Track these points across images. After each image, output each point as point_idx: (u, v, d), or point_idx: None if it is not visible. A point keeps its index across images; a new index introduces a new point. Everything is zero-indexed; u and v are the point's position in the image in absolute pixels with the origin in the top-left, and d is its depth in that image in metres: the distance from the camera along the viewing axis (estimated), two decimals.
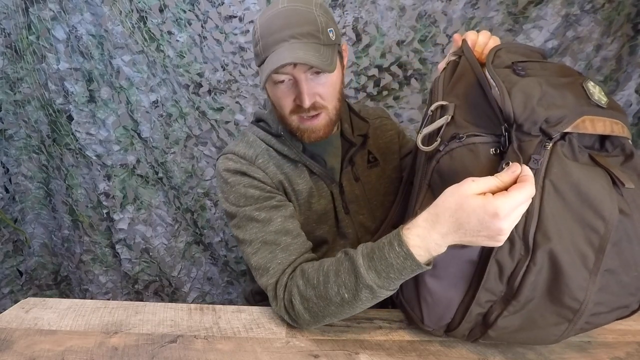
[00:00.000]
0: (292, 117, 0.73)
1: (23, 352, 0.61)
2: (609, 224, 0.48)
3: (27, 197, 1.44)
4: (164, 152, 1.38)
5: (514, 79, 0.51)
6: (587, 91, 0.52)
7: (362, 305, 0.59)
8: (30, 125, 1.35)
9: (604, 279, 0.50)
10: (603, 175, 0.49)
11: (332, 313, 0.61)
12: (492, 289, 0.53)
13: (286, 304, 0.65)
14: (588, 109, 0.50)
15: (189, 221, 1.46)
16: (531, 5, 1.24)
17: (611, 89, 1.28)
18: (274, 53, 0.67)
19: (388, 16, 1.27)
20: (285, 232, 0.70)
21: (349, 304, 0.59)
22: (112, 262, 1.50)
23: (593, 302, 0.51)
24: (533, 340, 0.58)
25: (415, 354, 0.62)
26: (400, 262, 0.53)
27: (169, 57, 1.29)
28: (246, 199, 0.73)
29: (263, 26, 0.70)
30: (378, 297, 0.58)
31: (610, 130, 0.51)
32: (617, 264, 0.50)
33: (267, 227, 0.71)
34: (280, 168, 0.77)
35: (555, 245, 0.48)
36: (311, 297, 0.61)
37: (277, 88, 0.72)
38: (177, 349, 0.62)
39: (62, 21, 1.24)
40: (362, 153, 0.85)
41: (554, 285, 0.50)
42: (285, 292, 0.65)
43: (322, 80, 0.70)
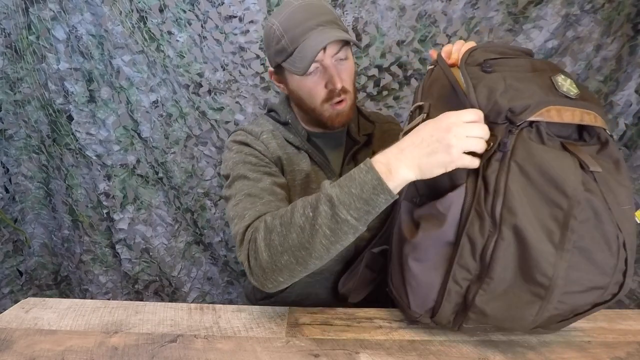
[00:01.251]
0: (324, 106, 0.78)
1: (23, 352, 0.61)
2: (571, 199, 0.51)
3: (27, 197, 1.44)
4: (164, 152, 1.38)
5: (480, 75, 0.57)
6: (555, 83, 0.56)
7: (321, 231, 0.56)
8: (30, 125, 1.35)
9: (574, 257, 0.52)
10: (569, 158, 0.53)
11: (292, 245, 0.58)
12: (466, 265, 0.56)
13: (250, 244, 0.63)
14: (555, 99, 0.55)
15: (189, 221, 1.46)
16: (531, 5, 1.24)
17: (611, 89, 1.28)
18: (306, 41, 0.72)
19: (388, 16, 1.27)
20: (271, 192, 0.71)
21: (309, 226, 0.57)
22: (112, 262, 1.50)
23: (564, 279, 0.53)
24: (511, 323, 0.59)
25: (416, 353, 0.62)
26: (362, 176, 0.55)
27: (169, 57, 1.29)
28: (243, 164, 0.77)
29: (285, 22, 0.74)
30: (337, 219, 0.55)
31: (579, 119, 0.55)
32: (588, 242, 0.52)
33: (255, 184, 0.72)
34: (283, 148, 0.82)
35: (520, 221, 0.52)
36: (276, 226, 0.60)
37: (306, 80, 0.76)
38: (177, 349, 0.62)
39: (62, 21, 1.24)
40: (366, 152, 0.87)
41: (523, 261, 0.53)
42: (252, 232, 0.63)
43: (345, 65, 0.77)
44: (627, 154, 1.31)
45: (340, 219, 0.55)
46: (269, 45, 0.79)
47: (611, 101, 1.28)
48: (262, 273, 0.62)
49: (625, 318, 0.73)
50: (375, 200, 0.55)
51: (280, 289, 0.64)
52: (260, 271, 0.62)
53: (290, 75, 0.78)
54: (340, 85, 0.75)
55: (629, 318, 0.73)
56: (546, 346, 0.64)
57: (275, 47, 0.76)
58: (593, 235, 0.52)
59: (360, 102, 1.36)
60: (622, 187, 0.54)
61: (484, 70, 0.58)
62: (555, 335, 0.66)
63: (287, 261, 0.59)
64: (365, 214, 0.56)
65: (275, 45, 0.76)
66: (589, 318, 0.71)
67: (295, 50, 0.73)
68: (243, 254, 0.64)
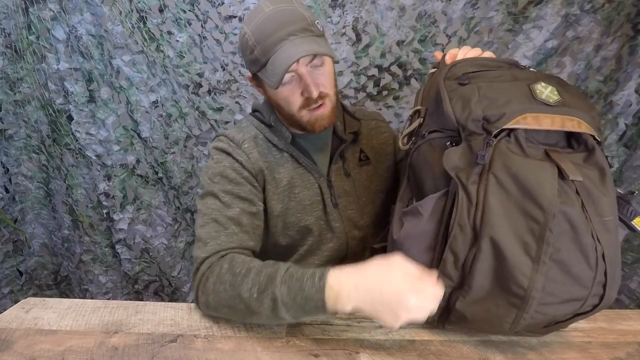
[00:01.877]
0: (301, 112, 0.76)
1: (23, 352, 0.61)
2: (547, 212, 0.51)
3: (27, 197, 1.44)
4: (164, 152, 1.38)
5: (456, 88, 0.59)
6: (533, 91, 0.56)
7: (260, 314, 0.61)
8: (30, 125, 1.35)
9: (551, 270, 0.52)
10: (549, 168, 0.53)
11: (233, 306, 0.63)
12: (449, 275, 0.58)
13: (202, 279, 0.67)
14: (532, 106, 0.55)
15: (189, 221, 1.46)
16: (531, 5, 1.24)
17: (611, 89, 1.28)
18: (278, 53, 0.70)
19: (388, 16, 1.27)
20: (237, 223, 0.73)
21: (252, 304, 0.61)
22: (112, 262, 1.50)
23: (540, 291, 0.53)
24: (490, 328, 0.62)
25: (416, 353, 0.62)
26: (311, 292, 0.57)
27: (168, 57, 1.29)
28: (221, 177, 0.77)
29: (256, 32, 0.72)
30: (276, 314, 0.60)
31: (560, 125, 0.55)
32: (565, 254, 0.52)
33: (224, 210, 0.74)
34: (264, 156, 0.81)
35: (496, 234, 0.52)
36: (226, 281, 0.64)
37: (282, 89, 0.74)
38: (177, 349, 0.62)
39: (62, 21, 1.24)
40: (354, 150, 0.87)
41: (500, 272, 0.54)
42: (207, 269, 0.68)
43: (321, 70, 0.75)
44: (627, 154, 1.31)
45: (279, 315, 0.60)
46: (243, 52, 0.77)
47: (611, 101, 1.28)
48: (205, 308, 0.68)
49: (625, 318, 0.73)
50: (314, 314, 0.59)
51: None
52: (203, 306, 0.68)
53: (267, 84, 0.76)
54: (316, 93, 0.73)
55: (629, 318, 0.73)
56: (546, 346, 0.64)
57: (249, 57, 0.75)
58: (570, 247, 0.52)
59: (360, 102, 1.36)
60: (605, 197, 0.53)
61: (460, 83, 0.59)
62: (556, 336, 0.66)
63: (226, 313, 0.66)
64: (303, 317, 0.61)
65: (249, 55, 0.74)
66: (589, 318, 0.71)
67: (268, 62, 0.71)
68: (195, 283, 0.68)
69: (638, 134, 1.29)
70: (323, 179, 0.82)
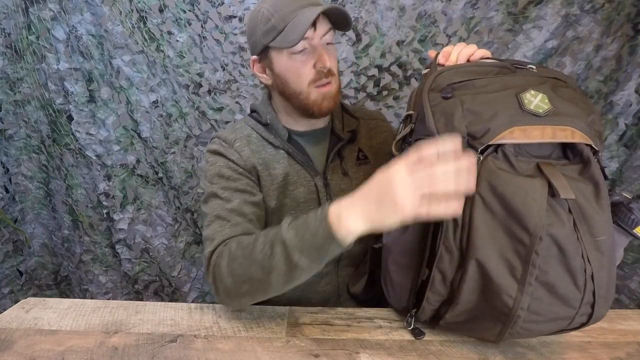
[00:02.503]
0: (310, 88, 0.77)
1: (23, 352, 0.61)
2: (533, 236, 0.49)
3: (27, 197, 1.44)
4: (164, 152, 1.38)
5: (439, 101, 0.57)
6: (521, 101, 0.53)
7: (276, 270, 0.59)
8: (30, 125, 1.35)
9: (537, 290, 0.52)
10: (539, 186, 0.50)
11: (251, 276, 0.61)
12: (438, 291, 0.59)
13: (215, 268, 0.66)
14: (520, 118, 0.52)
15: (189, 221, 1.46)
16: (531, 5, 1.24)
17: (611, 89, 1.28)
18: (299, 15, 0.72)
19: (388, 16, 1.27)
20: (239, 213, 0.73)
21: (267, 261, 0.59)
22: (112, 262, 1.50)
23: (526, 310, 0.52)
24: (478, 335, 0.64)
25: (416, 353, 0.62)
26: (316, 225, 0.56)
27: (168, 57, 1.29)
28: (218, 178, 0.78)
29: (275, 4, 0.74)
30: (291, 262, 0.57)
31: (551, 137, 0.52)
32: (552, 276, 0.51)
33: (225, 204, 0.74)
34: (257, 153, 0.81)
35: (482, 256, 0.52)
36: (238, 256, 0.63)
37: (294, 59, 0.76)
38: (177, 349, 0.62)
39: (62, 21, 1.24)
40: (352, 149, 0.87)
41: (486, 291, 0.54)
42: (217, 258, 0.66)
43: (331, 50, 0.78)
44: (627, 154, 1.31)
45: (294, 261, 0.57)
46: (254, 29, 0.77)
47: (611, 101, 1.28)
48: (227, 295, 0.66)
49: (625, 318, 0.73)
50: (327, 248, 0.56)
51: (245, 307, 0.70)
52: (224, 294, 0.66)
53: (278, 55, 0.77)
54: (329, 64, 0.75)
55: (629, 318, 0.73)
56: (546, 346, 0.64)
57: (263, 28, 0.75)
58: (557, 270, 0.51)
59: (360, 102, 1.36)
60: (598, 215, 0.51)
61: (444, 97, 0.56)
62: (556, 336, 0.66)
63: (247, 289, 0.64)
64: (319, 258, 0.58)
65: (264, 25, 0.75)
66: None
67: (287, 26, 0.73)
68: (210, 277, 0.67)
69: (638, 134, 1.29)
70: (319, 177, 0.82)
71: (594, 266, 0.51)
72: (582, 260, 0.51)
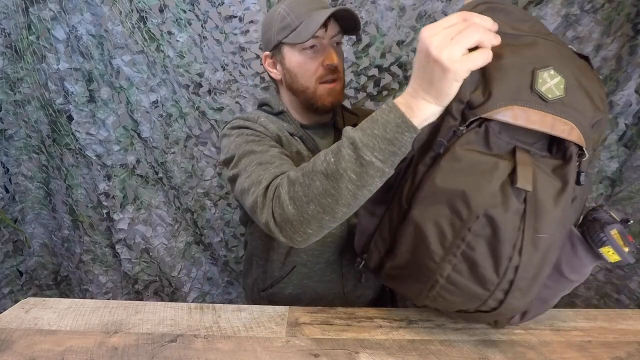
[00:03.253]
0: (317, 83, 0.83)
1: (23, 352, 0.61)
2: (471, 212, 0.50)
3: (27, 197, 1.44)
4: (164, 152, 1.38)
5: None
6: (535, 79, 0.49)
7: (345, 174, 0.53)
8: (30, 125, 1.35)
9: (460, 263, 0.53)
10: (501, 169, 0.50)
11: (317, 192, 0.56)
12: (384, 237, 0.63)
13: (274, 201, 0.61)
14: (524, 97, 0.49)
15: (189, 221, 1.46)
16: (531, 5, 1.24)
17: (611, 89, 1.28)
18: (313, 14, 0.78)
19: (388, 16, 1.27)
20: (282, 158, 0.71)
21: (334, 168, 0.54)
22: (112, 262, 1.50)
23: (445, 279, 0.55)
24: (405, 292, 0.66)
25: (416, 353, 0.62)
26: (385, 116, 0.52)
27: (169, 57, 1.29)
28: (247, 143, 0.76)
29: (291, 4, 0.81)
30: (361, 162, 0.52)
31: (549, 126, 0.49)
32: (477, 254, 0.52)
33: (265, 154, 0.72)
34: (281, 131, 0.84)
35: (420, 217, 0.55)
36: (298, 177, 0.58)
37: (305, 54, 0.82)
38: (177, 349, 0.62)
39: (62, 21, 1.24)
40: None
41: (418, 251, 0.57)
42: (274, 190, 0.61)
43: (340, 51, 0.85)
44: (627, 154, 1.31)
45: (365, 161, 0.52)
46: (270, 26, 0.84)
47: (611, 101, 1.28)
48: (291, 227, 0.59)
49: (625, 318, 0.73)
50: (400, 140, 0.51)
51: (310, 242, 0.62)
52: (288, 225, 0.59)
53: (290, 51, 0.83)
54: (336, 61, 0.81)
55: (629, 318, 0.73)
56: (546, 346, 0.64)
57: (278, 26, 0.82)
58: (483, 251, 0.52)
59: (361, 102, 1.36)
60: (549, 214, 0.50)
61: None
62: (556, 335, 0.66)
63: (314, 211, 0.57)
64: (391, 155, 0.52)
65: (279, 23, 0.81)
66: (589, 318, 0.72)
67: (300, 25, 0.79)
68: (267, 213, 0.61)
69: (638, 134, 1.29)
70: None
71: (523, 260, 0.51)
72: (512, 250, 0.51)
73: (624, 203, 1.35)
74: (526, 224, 0.50)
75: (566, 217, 0.54)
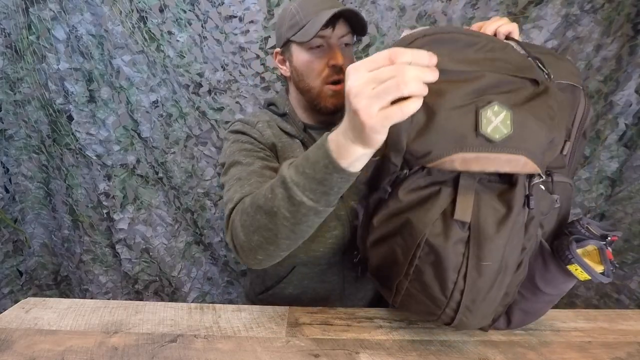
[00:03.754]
0: (322, 83, 0.83)
1: (23, 352, 0.61)
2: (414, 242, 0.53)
3: (27, 197, 1.44)
4: (164, 152, 1.38)
5: None
6: (479, 120, 0.46)
7: (279, 211, 0.54)
8: (30, 125, 1.35)
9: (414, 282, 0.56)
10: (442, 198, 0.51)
11: (259, 224, 0.58)
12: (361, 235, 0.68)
13: (231, 225, 0.64)
14: (470, 143, 0.46)
15: (189, 221, 1.46)
16: (531, 5, 1.24)
17: (611, 89, 1.28)
18: (319, 15, 0.78)
19: (388, 16, 1.27)
20: (260, 175, 0.72)
21: (270, 204, 0.55)
22: (112, 262, 1.50)
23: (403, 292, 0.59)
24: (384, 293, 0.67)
25: (416, 353, 0.62)
26: (314, 155, 0.51)
27: (169, 57, 1.29)
28: (239, 151, 0.80)
29: (302, 2, 0.82)
30: (293, 200, 0.53)
31: (495, 168, 0.47)
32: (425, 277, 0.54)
33: (246, 168, 0.74)
34: (278, 137, 0.85)
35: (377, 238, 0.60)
36: (246, 207, 0.61)
37: (311, 53, 0.82)
38: (177, 349, 0.62)
39: (62, 21, 1.24)
40: None
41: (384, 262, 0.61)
42: (234, 214, 0.64)
43: (347, 52, 0.84)
44: (627, 154, 1.31)
45: (297, 201, 0.53)
46: (281, 24, 0.86)
47: (611, 101, 1.28)
48: (242, 252, 0.62)
49: (625, 318, 0.73)
50: (330, 180, 0.50)
51: (267, 265, 0.64)
52: (241, 250, 0.63)
53: (298, 49, 0.83)
54: (341, 61, 0.80)
55: (629, 318, 0.73)
56: (546, 346, 0.64)
57: (288, 23, 0.83)
58: (430, 275, 0.54)
59: None
60: (492, 243, 0.49)
61: None
62: (556, 336, 0.66)
63: (258, 241, 0.59)
64: (323, 195, 0.52)
65: (289, 21, 0.83)
66: (589, 318, 0.72)
67: (307, 24, 0.79)
68: (228, 235, 0.65)
69: (638, 134, 1.29)
70: None
71: (468, 284, 0.52)
72: (457, 275, 0.52)
73: (624, 203, 1.35)
74: (470, 252, 0.50)
75: (515, 242, 0.52)
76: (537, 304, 0.62)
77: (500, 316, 0.63)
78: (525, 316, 0.63)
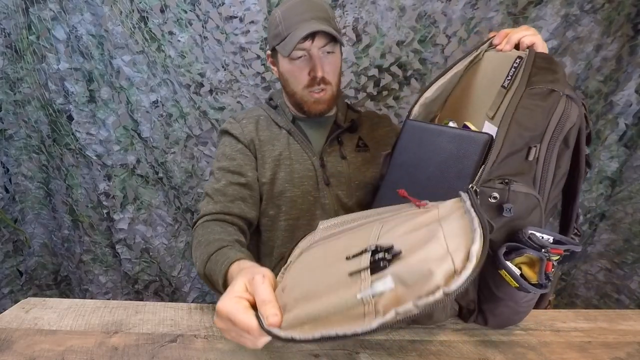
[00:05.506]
0: (304, 91, 0.87)
1: (23, 352, 0.61)
2: None
3: (27, 197, 1.44)
4: (164, 152, 1.38)
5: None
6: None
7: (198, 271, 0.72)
8: (30, 125, 1.35)
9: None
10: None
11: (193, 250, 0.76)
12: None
13: (193, 230, 0.81)
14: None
15: (189, 221, 1.46)
16: (531, 5, 1.24)
17: (611, 89, 1.28)
18: (298, 29, 0.81)
19: (388, 16, 1.28)
20: (222, 194, 0.85)
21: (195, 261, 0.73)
22: (112, 262, 1.50)
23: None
24: None
25: (416, 353, 0.62)
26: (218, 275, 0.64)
27: (169, 57, 1.29)
28: (221, 156, 0.91)
29: (285, 11, 0.84)
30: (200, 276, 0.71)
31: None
32: None
33: (215, 184, 0.87)
34: (260, 131, 0.92)
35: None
36: (194, 238, 0.77)
37: (293, 64, 0.85)
38: (177, 349, 0.62)
39: (62, 21, 1.24)
40: (352, 137, 0.95)
41: None
42: (195, 230, 0.80)
43: (330, 59, 0.86)
44: (627, 154, 1.31)
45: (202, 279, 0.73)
46: (270, 29, 0.89)
47: (611, 101, 1.28)
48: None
49: (625, 318, 0.73)
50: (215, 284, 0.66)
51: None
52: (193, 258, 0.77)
53: (282, 58, 0.86)
54: (320, 74, 0.83)
55: (629, 318, 0.73)
56: (546, 346, 0.64)
57: (273, 32, 0.86)
58: None
59: (360, 102, 1.36)
60: None
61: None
62: (556, 336, 0.66)
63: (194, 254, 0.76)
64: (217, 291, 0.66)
65: (274, 29, 0.86)
66: (589, 318, 0.72)
67: (288, 35, 0.82)
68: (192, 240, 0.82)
69: (638, 134, 1.29)
70: (316, 157, 0.91)
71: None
72: None
73: (624, 203, 1.35)
74: None
75: None
76: (499, 307, 0.63)
77: (473, 312, 0.66)
78: (494, 319, 0.65)
